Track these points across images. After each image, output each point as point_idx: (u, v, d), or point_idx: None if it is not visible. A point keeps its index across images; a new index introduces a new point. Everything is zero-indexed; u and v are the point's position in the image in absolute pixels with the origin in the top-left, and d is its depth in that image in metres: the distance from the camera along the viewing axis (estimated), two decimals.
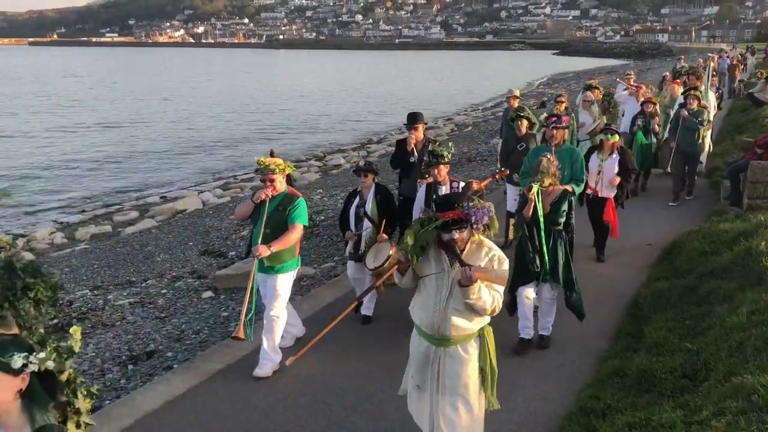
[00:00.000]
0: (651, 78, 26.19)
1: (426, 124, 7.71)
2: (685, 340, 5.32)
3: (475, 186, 6.00)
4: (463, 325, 3.77)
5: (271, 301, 5.64)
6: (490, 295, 3.69)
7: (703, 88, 13.11)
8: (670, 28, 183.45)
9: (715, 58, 32.29)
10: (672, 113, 11.84)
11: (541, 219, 5.73)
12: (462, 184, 6.17)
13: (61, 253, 11.77)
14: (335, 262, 9.01)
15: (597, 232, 8.30)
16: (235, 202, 14.71)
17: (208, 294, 8.21)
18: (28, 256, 11.60)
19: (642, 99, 12.10)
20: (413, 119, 7.47)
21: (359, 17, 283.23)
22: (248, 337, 5.29)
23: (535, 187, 5.68)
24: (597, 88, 12.53)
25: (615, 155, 8.04)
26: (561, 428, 4.63)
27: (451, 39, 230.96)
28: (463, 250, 3.78)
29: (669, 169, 11.56)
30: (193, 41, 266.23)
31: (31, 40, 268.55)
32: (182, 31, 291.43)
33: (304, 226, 5.65)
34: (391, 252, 5.77)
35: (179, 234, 12.01)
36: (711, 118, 12.19)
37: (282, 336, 5.81)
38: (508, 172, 7.55)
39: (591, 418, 4.53)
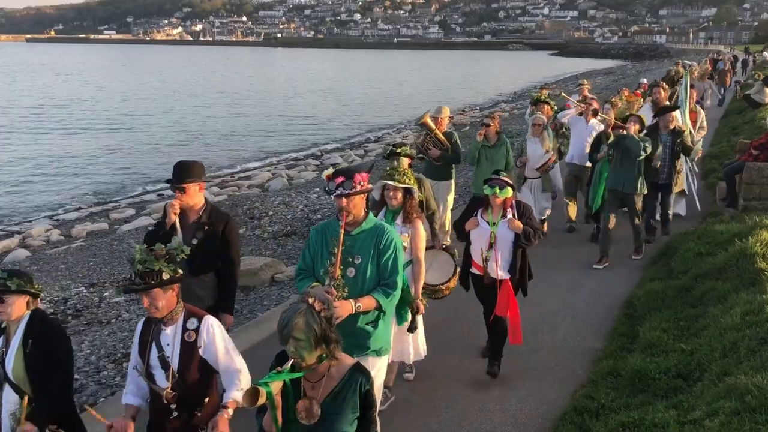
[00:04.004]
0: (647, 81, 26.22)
1: (205, 182, 4.72)
2: (679, 341, 5.34)
3: None
4: None
5: None
6: None
7: (680, 104, 10.24)
8: (668, 29, 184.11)
9: (707, 61, 32.04)
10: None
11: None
12: (210, 323, 3.39)
13: (57, 250, 11.74)
14: None
15: (490, 331, 5.57)
16: (232, 200, 14.70)
17: None
18: (24, 253, 11.60)
19: (591, 119, 9.37)
20: (181, 173, 4.49)
21: (357, 16, 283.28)
22: None
23: (269, 388, 2.58)
24: (547, 102, 9.67)
25: (509, 215, 5.30)
26: (555, 428, 4.64)
27: (450, 39, 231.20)
28: None
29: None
30: (191, 39, 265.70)
31: (28, 36, 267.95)
32: (180, 29, 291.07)
33: None
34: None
35: None
36: (693, 143, 9.43)
37: None
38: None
39: (585, 418, 4.54)
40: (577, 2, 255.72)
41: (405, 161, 5.78)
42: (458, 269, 5.46)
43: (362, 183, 3.73)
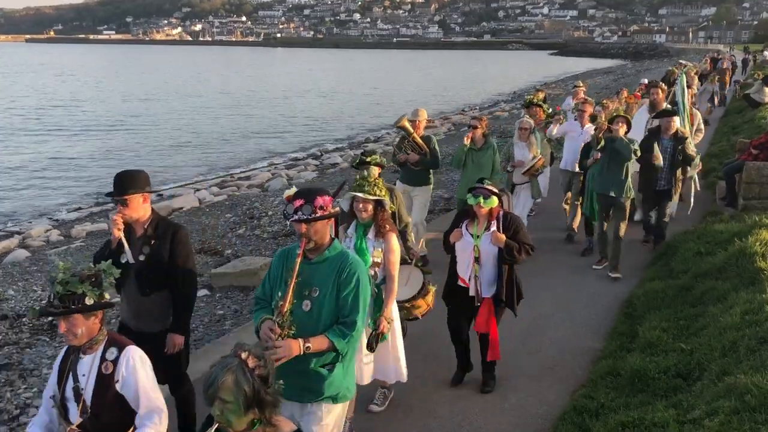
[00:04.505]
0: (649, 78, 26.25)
1: (150, 192, 4.23)
2: (679, 340, 5.34)
3: None
4: None
5: None
6: None
7: (678, 108, 9.53)
8: (667, 28, 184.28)
9: (707, 60, 32.04)
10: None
11: None
12: (131, 355, 3.06)
13: (57, 250, 11.73)
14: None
15: (482, 346, 5.23)
16: (232, 200, 14.71)
17: (203, 292, 8.20)
18: (24, 253, 11.59)
19: (587, 123, 8.93)
20: (122, 185, 4.08)
21: (357, 16, 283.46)
22: None
23: None
24: (540, 105, 9.55)
25: (493, 227, 4.96)
26: (555, 428, 4.64)
27: (449, 38, 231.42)
28: None
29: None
30: (190, 39, 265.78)
31: (28, 37, 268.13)
32: (180, 29, 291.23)
33: None
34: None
35: None
36: (693, 149, 8.69)
37: None
38: None
39: (585, 418, 4.54)
40: (577, 2, 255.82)
41: (375, 170, 5.49)
42: (427, 287, 5.12)
43: (324, 207, 3.29)
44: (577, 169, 8.83)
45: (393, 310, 4.66)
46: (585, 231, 8.81)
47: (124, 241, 4.07)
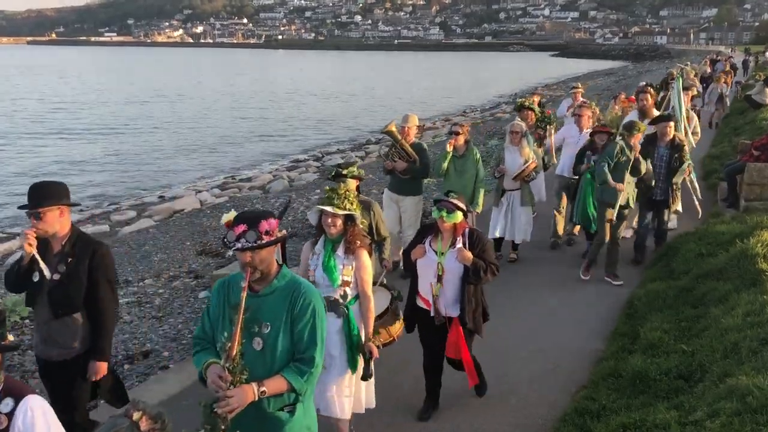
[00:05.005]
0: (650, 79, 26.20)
1: (69, 205, 3.91)
2: (680, 342, 5.33)
3: None
4: None
5: None
6: None
7: (675, 109, 9.31)
8: (668, 30, 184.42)
9: (707, 62, 32.03)
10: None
11: None
12: (30, 406, 2.49)
13: None
14: None
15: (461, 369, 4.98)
16: (233, 201, 14.72)
17: (204, 294, 8.20)
18: None
19: (587, 128, 8.53)
20: (37, 196, 3.81)
21: (358, 18, 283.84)
22: None
23: None
24: (531, 108, 9.14)
25: (458, 244, 4.61)
26: (556, 429, 4.64)
27: (450, 40, 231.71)
28: None
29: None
30: (191, 41, 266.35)
31: (29, 39, 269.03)
32: (181, 31, 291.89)
33: None
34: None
35: (176, 234, 12.00)
36: (687, 156, 8.16)
37: None
38: None
39: (586, 419, 4.53)
40: (578, 3, 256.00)
41: (352, 183, 5.32)
42: (395, 313, 4.85)
43: (270, 232, 2.94)
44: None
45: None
46: (585, 235, 8.69)
47: (37, 257, 3.75)
